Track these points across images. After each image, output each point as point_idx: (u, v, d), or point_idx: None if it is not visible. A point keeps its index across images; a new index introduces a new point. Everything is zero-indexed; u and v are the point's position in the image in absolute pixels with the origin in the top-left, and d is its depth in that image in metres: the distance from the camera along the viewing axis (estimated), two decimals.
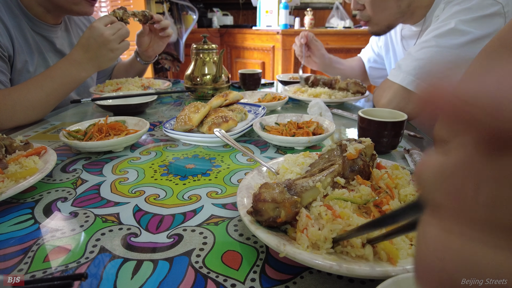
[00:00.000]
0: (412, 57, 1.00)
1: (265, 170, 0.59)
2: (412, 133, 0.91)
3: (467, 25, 0.94)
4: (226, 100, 0.95)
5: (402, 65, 1.02)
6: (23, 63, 1.08)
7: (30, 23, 1.11)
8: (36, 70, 1.13)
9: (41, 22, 1.13)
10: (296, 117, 0.92)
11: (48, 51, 1.19)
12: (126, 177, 0.66)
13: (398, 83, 1.00)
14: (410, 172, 0.53)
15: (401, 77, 1.00)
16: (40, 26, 1.14)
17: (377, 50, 1.54)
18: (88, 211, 0.54)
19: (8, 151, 0.66)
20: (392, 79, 1.02)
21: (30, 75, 1.10)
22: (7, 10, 1.05)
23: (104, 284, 0.39)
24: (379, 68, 1.57)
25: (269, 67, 3.39)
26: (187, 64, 1.41)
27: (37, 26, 1.13)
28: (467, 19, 0.94)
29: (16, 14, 1.07)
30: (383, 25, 1.19)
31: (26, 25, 1.10)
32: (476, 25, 0.93)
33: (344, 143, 0.52)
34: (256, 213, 0.42)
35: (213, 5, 4.05)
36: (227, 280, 0.39)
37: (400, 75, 1.00)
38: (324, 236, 0.39)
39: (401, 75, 1.00)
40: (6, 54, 1.03)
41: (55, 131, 0.96)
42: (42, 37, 1.17)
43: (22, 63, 1.08)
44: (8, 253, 0.44)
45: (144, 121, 0.87)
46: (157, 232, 0.49)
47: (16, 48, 1.06)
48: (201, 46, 1.30)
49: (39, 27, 1.14)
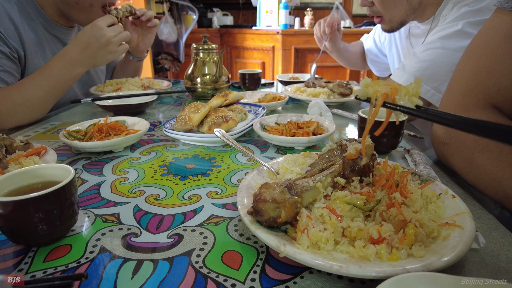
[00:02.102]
0: (416, 58, 1.00)
1: (265, 170, 0.59)
2: (412, 133, 0.91)
3: (474, 28, 0.92)
4: (226, 100, 0.95)
5: (407, 65, 1.01)
6: (36, 64, 1.09)
7: (45, 24, 1.12)
8: None
9: (56, 23, 1.14)
10: (296, 117, 0.92)
11: None
12: (126, 177, 0.66)
13: (401, 83, 1.00)
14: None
15: (405, 78, 0.99)
16: (54, 28, 1.15)
17: (380, 45, 1.53)
18: (88, 211, 0.54)
19: (8, 151, 0.66)
20: (396, 79, 1.02)
21: None
22: (21, 11, 1.05)
23: (104, 284, 0.39)
24: (379, 62, 1.57)
25: (269, 67, 3.39)
26: (187, 64, 1.41)
27: (52, 27, 1.14)
28: (475, 21, 0.92)
29: (30, 15, 1.08)
30: (396, 22, 1.17)
31: (41, 26, 1.11)
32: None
33: (344, 143, 0.52)
34: (256, 213, 0.42)
35: (213, 5, 4.05)
36: (227, 280, 0.39)
37: (404, 75, 1.00)
38: (325, 237, 0.39)
39: (405, 76, 1.00)
40: (16, 55, 1.03)
41: (55, 131, 0.96)
42: (56, 38, 1.18)
43: (36, 64, 1.09)
44: (8, 253, 0.44)
45: (144, 121, 0.87)
46: (157, 232, 0.49)
47: (28, 50, 1.06)
48: (201, 46, 1.30)
49: (54, 28, 1.15)
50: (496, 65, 0.62)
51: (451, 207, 0.46)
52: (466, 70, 0.68)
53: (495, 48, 0.63)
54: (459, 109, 0.66)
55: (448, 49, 0.94)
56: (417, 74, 0.97)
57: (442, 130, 0.69)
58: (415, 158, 0.70)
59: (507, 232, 0.48)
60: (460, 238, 0.39)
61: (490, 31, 0.65)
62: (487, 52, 0.64)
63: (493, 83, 0.63)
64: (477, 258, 0.42)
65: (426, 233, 0.40)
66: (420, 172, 0.56)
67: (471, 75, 0.66)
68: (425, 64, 0.97)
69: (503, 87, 0.62)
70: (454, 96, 0.68)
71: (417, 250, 0.38)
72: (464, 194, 0.58)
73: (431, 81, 0.95)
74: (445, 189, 0.50)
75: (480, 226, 0.49)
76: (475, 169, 0.60)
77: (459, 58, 0.91)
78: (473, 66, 0.66)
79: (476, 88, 0.65)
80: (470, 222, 0.41)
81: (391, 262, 0.36)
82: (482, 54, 0.65)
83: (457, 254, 0.36)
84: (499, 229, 0.48)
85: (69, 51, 1.02)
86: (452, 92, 0.69)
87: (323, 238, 0.39)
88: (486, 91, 0.63)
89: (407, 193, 0.46)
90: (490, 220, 0.51)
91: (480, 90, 0.64)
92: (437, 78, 0.95)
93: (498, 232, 0.48)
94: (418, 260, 0.36)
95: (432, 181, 0.53)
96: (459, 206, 0.45)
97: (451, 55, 0.93)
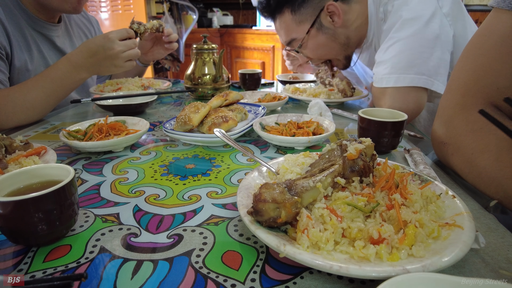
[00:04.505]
0: (383, 60, 1.01)
1: (265, 170, 0.59)
2: (412, 133, 0.91)
3: (415, 11, 0.97)
4: (226, 100, 0.94)
5: (379, 70, 1.02)
6: (22, 61, 1.07)
7: (29, 21, 1.10)
8: (35, 68, 1.12)
9: (39, 19, 1.12)
10: (296, 117, 0.92)
11: (48, 49, 1.18)
12: (126, 177, 0.66)
13: (385, 86, 0.99)
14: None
15: (386, 79, 0.99)
16: (38, 24, 1.13)
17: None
18: (88, 211, 0.54)
19: (8, 151, 0.66)
20: (378, 85, 1.02)
21: (30, 73, 1.10)
22: (5, 8, 1.04)
23: (104, 284, 0.39)
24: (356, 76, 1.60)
25: (269, 67, 3.39)
26: (187, 64, 1.41)
27: (36, 23, 1.12)
28: (412, 6, 0.98)
29: (14, 12, 1.06)
30: (341, 58, 1.25)
31: (25, 23, 1.09)
32: (422, 7, 0.97)
33: (345, 143, 0.52)
34: (256, 213, 0.42)
35: (213, 5, 4.05)
36: (227, 280, 0.39)
37: (384, 78, 1.00)
38: (326, 237, 0.39)
39: (384, 79, 1.00)
40: (4, 53, 1.02)
41: (55, 131, 0.96)
42: (41, 35, 1.16)
43: (21, 61, 1.07)
44: (8, 253, 0.44)
45: (144, 121, 0.87)
46: (157, 232, 0.49)
47: (14, 47, 1.05)
48: (201, 46, 1.30)
49: (38, 25, 1.13)
50: (494, 64, 0.62)
51: (451, 207, 0.46)
52: (464, 70, 0.68)
53: (493, 47, 0.63)
54: (458, 109, 0.66)
55: (405, 38, 0.98)
56: (393, 71, 0.98)
57: (442, 130, 0.69)
58: (415, 158, 0.70)
59: (507, 232, 0.47)
60: (460, 238, 0.39)
61: (487, 31, 0.65)
62: (485, 51, 0.64)
63: (492, 82, 0.63)
64: (477, 258, 0.42)
65: (426, 233, 0.40)
66: (420, 172, 0.56)
67: (469, 75, 0.66)
68: (395, 59, 0.99)
69: (502, 86, 0.62)
70: (453, 95, 0.68)
71: (417, 250, 0.38)
72: (464, 194, 0.58)
73: (409, 69, 0.97)
74: (445, 189, 0.50)
75: (480, 226, 0.49)
76: (475, 169, 0.60)
77: (418, 41, 0.97)
78: (471, 65, 0.66)
79: (474, 87, 0.65)
80: (470, 222, 0.41)
81: (391, 262, 0.36)
82: (480, 54, 0.65)
83: (457, 254, 0.36)
84: (499, 229, 0.48)
85: (75, 56, 1.02)
86: (451, 91, 0.69)
87: (323, 238, 0.39)
88: (485, 90, 0.63)
89: (407, 194, 0.46)
90: (490, 220, 0.51)
91: (478, 89, 0.64)
92: (412, 64, 0.97)
93: (498, 232, 0.48)
94: (418, 260, 0.36)
95: (432, 181, 0.53)
96: (459, 206, 0.45)
97: (411, 41, 0.97)
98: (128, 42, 1.06)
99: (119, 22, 3.23)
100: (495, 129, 0.60)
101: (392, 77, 0.98)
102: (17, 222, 0.42)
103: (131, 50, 1.06)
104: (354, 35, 1.16)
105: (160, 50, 1.43)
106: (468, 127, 0.63)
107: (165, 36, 1.36)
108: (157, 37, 1.40)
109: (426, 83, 0.96)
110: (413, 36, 0.97)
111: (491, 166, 0.56)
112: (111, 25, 3.28)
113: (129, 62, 1.08)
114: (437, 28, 0.96)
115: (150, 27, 1.25)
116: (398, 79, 0.97)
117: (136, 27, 1.17)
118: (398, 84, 0.97)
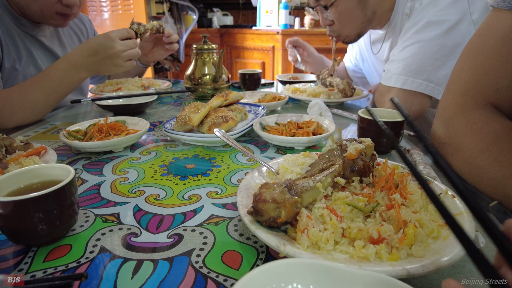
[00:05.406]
0: (397, 59, 1.01)
1: (265, 170, 0.59)
2: (412, 133, 0.91)
3: (441, 15, 0.96)
4: (226, 100, 0.95)
5: (391, 68, 1.02)
6: (11, 61, 1.06)
7: (15, 20, 1.09)
8: (24, 68, 1.11)
9: (23, 19, 1.10)
10: (296, 117, 0.92)
11: (37, 49, 1.17)
12: (126, 177, 0.66)
13: (392, 86, 1.00)
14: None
15: (394, 79, 1.00)
16: (23, 24, 1.11)
17: (355, 62, 1.57)
18: (88, 211, 0.54)
19: (8, 151, 0.66)
20: (386, 83, 1.03)
21: (18, 73, 1.08)
22: None
23: (104, 284, 0.39)
24: (361, 77, 1.60)
25: (269, 67, 3.39)
26: (187, 64, 1.41)
27: (21, 23, 1.10)
28: (440, 8, 0.96)
29: (0, 12, 1.05)
30: (354, 34, 1.22)
31: (12, 23, 1.08)
32: (450, 12, 0.96)
33: (344, 143, 0.52)
34: (256, 213, 0.42)
35: (213, 5, 4.05)
36: (227, 280, 0.39)
37: (392, 77, 1.00)
38: (325, 237, 0.39)
39: (393, 78, 1.00)
40: None
41: (55, 131, 0.96)
42: (29, 35, 1.14)
43: (10, 61, 1.06)
44: (8, 253, 0.44)
45: (144, 121, 0.87)
46: (157, 232, 0.49)
47: (3, 47, 1.04)
48: (201, 46, 1.30)
49: (23, 24, 1.11)
50: (494, 64, 0.62)
51: (451, 207, 0.46)
52: (464, 70, 0.68)
53: (493, 47, 0.63)
54: (458, 109, 0.66)
55: (425, 41, 0.97)
56: (403, 72, 0.98)
57: (442, 131, 0.69)
58: (415, 158, 0.70)
59: None
60: None
61: (487, 31, 0.65)
62: (485, 52, 0.64)
63: (491, 82, 0.63)
64: None
65: (426, 233, 0.40)
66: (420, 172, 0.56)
67: (469, 75, 0.66)
68: (408, 61, 0.98)
69: (502, 86, 0.62)
70: (453, 96, 0.69)
71: (417, 250, 0.38)
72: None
73: (420, 74, 0.97)
74: (445, 189, 0.50)
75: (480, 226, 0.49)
76: (475, 169, 0.60)
77: (437, 46, 0.95)
78: (471, 65, 0.66)
79: (474, 87, 0.65)
80: (470, 222, 0.41)
81: (391, 262, 0.36)
82: (480, 54, 0.65)
83: (457, 254, 0.36)
84: None
85: (75, 55, 1.02)
86: (451, 92, 0.70)
87: (323, 238, 0.39)
88: (485, 91, 0.63)
89: (407, 194, 0.46)
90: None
91: (478, 89, 0.64)
92: (424, 69, 0.96)
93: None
94: (418, 260, 0.36)
95: (432, 181, 0.53)
96: (459, 206, 0.46)
97: (428, 45, 0.96)
98: (129, 42, 1.06)
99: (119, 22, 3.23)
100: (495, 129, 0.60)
101: (401, 78, 0.98)
102: (18, 222, 0.42)
103: (131, 49, 1.06)
104: (379, 13, 1.14)
105: (160, 51, 1.44)
106: (468, 127, 0.63)
107: (166, 37, 1.36)
108: (158, 38, 1.40)
109: (433, 92, 0.96)
110: (432, 41, 0.95)
111: (490, 166, 0.56)
112: (111, 25, 3.28)
113: (129, 61, 1.08)
114: (460, 36, 0.94)
115: (150, 28, 1.26)
116: (406, 81, 0.97)
117: (136, 28, 1.17)
118: (405, 86, 0.97)
